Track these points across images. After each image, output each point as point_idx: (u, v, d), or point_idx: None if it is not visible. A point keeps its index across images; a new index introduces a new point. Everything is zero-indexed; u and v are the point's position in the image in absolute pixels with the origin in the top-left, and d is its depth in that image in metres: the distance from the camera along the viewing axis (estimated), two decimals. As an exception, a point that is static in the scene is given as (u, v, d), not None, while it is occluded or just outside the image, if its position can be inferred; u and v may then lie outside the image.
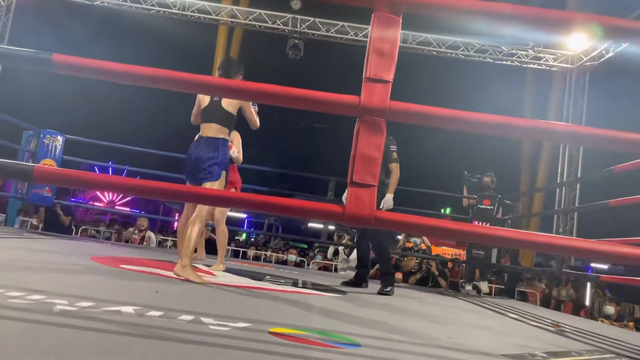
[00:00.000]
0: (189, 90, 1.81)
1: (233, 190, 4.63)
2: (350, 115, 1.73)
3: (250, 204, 1.86)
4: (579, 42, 9.10)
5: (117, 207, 20.66)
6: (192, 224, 3.31)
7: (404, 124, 3.76)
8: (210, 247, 5.46)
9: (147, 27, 11.52)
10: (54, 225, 7.08)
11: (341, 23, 9.61)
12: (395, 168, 4.55)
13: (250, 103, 3.61)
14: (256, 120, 3.71)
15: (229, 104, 3.44)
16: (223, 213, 4.54)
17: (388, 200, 4.52)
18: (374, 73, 1.66)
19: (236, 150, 4.45)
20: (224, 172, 3.42)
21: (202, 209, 3.34)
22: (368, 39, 1.71)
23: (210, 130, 3.44)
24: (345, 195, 3.81)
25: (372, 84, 1.65)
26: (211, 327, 1.71)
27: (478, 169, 7.25)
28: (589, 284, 8.39)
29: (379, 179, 1.82)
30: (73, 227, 8.35)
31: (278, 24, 9.62)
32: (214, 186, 3.37)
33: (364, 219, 1.63)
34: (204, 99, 3.55)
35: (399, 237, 8.50)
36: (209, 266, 4.35)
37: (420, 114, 1.70)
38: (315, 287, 4.06)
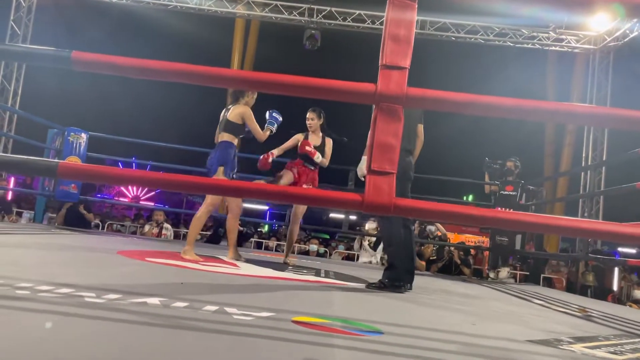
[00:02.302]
0: (206, 84, 1.83)
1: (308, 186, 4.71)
2: (368, 103, 1.72)
3: (270, 194, 1.88)
4: (602, 22, 8.86)
5: (141, 202, 20.96)
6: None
7: (424, 109, 3.68)
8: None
9: (165, 25, 11.63)
10: (78, 222, 7.12)
11: (357, 11, 9.54)
12: (420, 130, 3.74)
13: (251, 116, 4.14)
14: (260, 132, 4.20)
15: (232, 116, 4.14)
16: (297, 214, 4.83)
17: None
18: (390, 60, 1.64)
19: (320, 155, 4.67)
20: (220, 168, 4.02)
21: (206, 199, 4.07)
22: (383, 26, 1.70)
23: (220, 137, 4.18)
24: (360, 164, 3.73)
25: (389, 70, 1.64)
26: (235, 316, 1.73)
27: (500, 155, 7.15)
28: (616, 269, 8.24)
29: (402, 146, 1.72)
30: (99, 223, 8.49)
31: (294, 15, 9.60)
32: None
33: (383, 206, 1.63)
34: (221, 118, 4.27)
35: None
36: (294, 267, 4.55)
37: (438, 99, 1.69)
38: (338, 276, 4.08)
